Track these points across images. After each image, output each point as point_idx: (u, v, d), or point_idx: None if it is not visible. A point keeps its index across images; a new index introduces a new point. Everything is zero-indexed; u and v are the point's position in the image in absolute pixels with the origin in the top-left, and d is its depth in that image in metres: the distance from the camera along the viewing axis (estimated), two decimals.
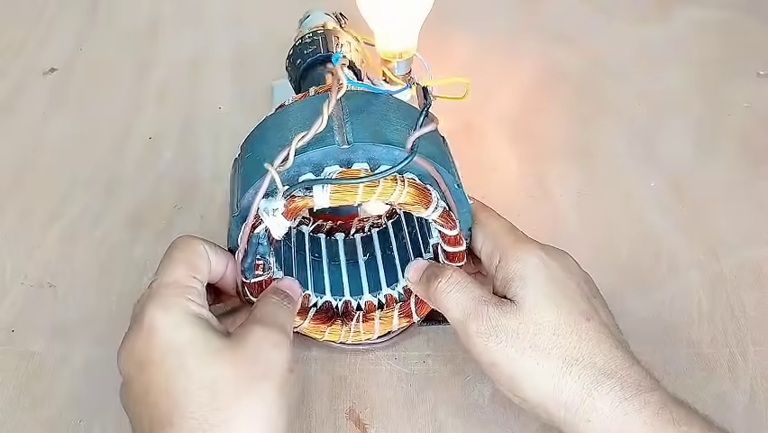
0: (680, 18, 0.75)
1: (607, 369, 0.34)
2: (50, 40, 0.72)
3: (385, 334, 0.44)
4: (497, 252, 0.38)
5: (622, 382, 0.34)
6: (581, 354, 0.35)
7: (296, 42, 0.56)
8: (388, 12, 0.55)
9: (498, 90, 0.66)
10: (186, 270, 0.35)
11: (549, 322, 0.35)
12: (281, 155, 0.33)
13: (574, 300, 0.36)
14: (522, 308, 0.36)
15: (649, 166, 0.58)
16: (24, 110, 0.63)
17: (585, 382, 0.34)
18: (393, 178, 0.35)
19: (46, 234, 0.52)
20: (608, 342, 0.35)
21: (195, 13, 0.76)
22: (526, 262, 0.37)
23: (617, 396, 0.33)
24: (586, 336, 0.35)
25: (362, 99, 0.39)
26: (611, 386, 0.34)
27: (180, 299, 0.34)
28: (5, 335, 0.45)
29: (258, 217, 0.35)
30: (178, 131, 0.61)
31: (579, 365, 0.34)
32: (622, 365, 0.34)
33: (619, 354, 0.35)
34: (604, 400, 0.33)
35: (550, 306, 0.36)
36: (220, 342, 0.33)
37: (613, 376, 0.34)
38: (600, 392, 0.33)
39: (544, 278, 0.37)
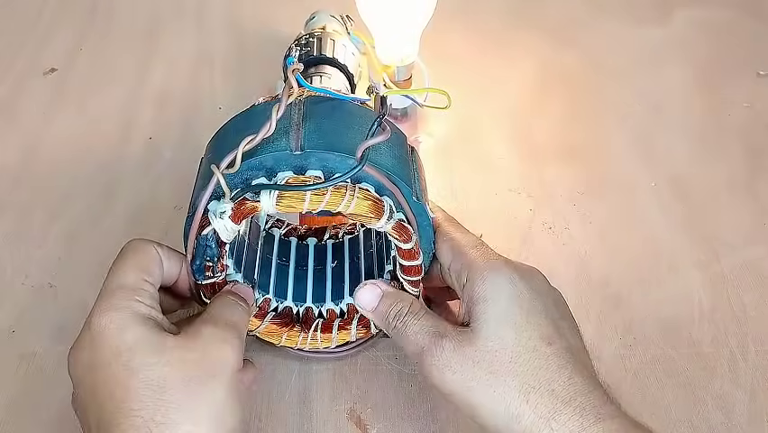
0: (679, 18, 0.75)
1: (565, 396, 0.33)
2: (51, 40, 0.72)
3: (344, 344, 0.43)
4: (464, 271, 0.37)
5: (581, 409, 0.32)
6: (539, 381, 0.33)
7: (294, 42, 0.56)
8: (389, 18, 0.55)
9: (497, 90, 0.66)
10: (136, 272, 0.35)
11: (507, 348, 0.34)
12: (228, 158, 0.33)
13: (537, 324, 0.35)
14: (480, 335, 0.35)
15: (649, 166, 0.58)
16: (24, 110, 0.63)
17: (542, 412, 0.33)
18: (342, 187, 0.34)
19: (46, 234, 0.52)
20: (569, 367, 0.34)
21: (195, 13, 0.76)
22: (492, 283, 0.36)
23: (576, 425, 0.32)
24: (545, 363, 0.34)
25: (326, 106, 0.38)
26: (569, 414, 0.32)
27: (129, 301, 0.34)
28: (6, 335, 0.45)
29: (206, 219, 0.35)
30: (178, 131, 0.61)
31: (536, 393, 0.33)
32: (582, 391, 0.33)
33: (579, 381, 0.34)
34: (562, 430, 0.32)
35: (509, 330, 0.35)
36: (169, 341, 0.33)
37: (571, 404, 0.33)
38: (558, 421, 0.32)
39: (507, 300, 0.35)
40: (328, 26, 0.58)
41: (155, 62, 0.69)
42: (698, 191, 0.55)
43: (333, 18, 0.60)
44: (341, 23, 0.60)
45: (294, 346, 0.42)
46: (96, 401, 0.32)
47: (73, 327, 0.45)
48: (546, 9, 0.78)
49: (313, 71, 0.53)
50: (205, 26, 0.74)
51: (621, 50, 0.71)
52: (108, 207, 0.54)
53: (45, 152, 0.59)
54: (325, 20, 0.59)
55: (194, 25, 0.74)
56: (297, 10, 0.60)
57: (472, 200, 0.55)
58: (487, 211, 0.54)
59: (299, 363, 0.44)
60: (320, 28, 0.57)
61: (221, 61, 0.68)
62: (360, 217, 0.35)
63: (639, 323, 0.46)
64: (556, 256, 0.50)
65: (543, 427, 0.32)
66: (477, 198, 0.55)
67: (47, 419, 0.41)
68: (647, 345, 0.45)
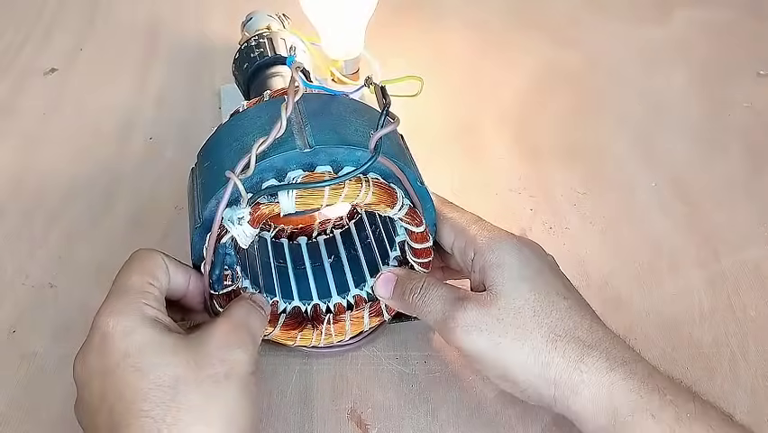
0: (680, 18, 0.75)
1: (590, 342, 0.35)
2: (51, 40, 0.72)
3: (357, 334, 0.44)
4: (470, 246, 0.39)
5: (607, 353, 0.35)
6: (564, 330, 0.35)
7: (241, 46, 0.56)
8: (333, 12, 0.55)
9: (498, 90, 0.66)
10: (141, 276, 0.35)
11: (528, 303, 0.36)
12: (242, 162, 0.33)
13: (550, 282, 0.38)
14: (501, 295, 0.37)
15: (650, 166, 0.58)
16: (25, 110, 0.63)
17: (571, 356, 0.35)
18: (358, 179, 0.35)
19: (47, 234, 0.51)
20: (588, 317, 0.36)
21: (195, 14, 0.76)
22: (502, 250, 0.38)
23: (603, 366, 0.34)
24: (567, 314, 0.36)
25: (319, 102, 0.39)
26: (596, 357, 0.34)
27: (135, 304, 0.34)
28: (7, 335, 0.45)
29: (223, 227, 0.35)
30: (179, 131, 0.61)
31: (563, 341, 0.35)
32: (604, 338, 0.35)
33: (600, 329, 0.36)
34: (591, 372, 0.34)
35: (528, 288, 0.37)
36: (179, 341, 0.33)
37: (597, 348, 0.35)
38: (587, 364, 0.34)
39: (519, 263, 0.38)
40: (272, 26, 0.58)
41: (155, 62, 0.69)
42: (698, 191, 0.55)
43: (270, 18, 0.59)
44: (278, 21, 0.59)
45: (308, 345, 0.43)
46: (106, 404, 0.32)
47: (73, 327, 0.45)
48: (547, 9, 0.78)
49: (270, 72, 0.53)
50: (205, 26, 0.74)
51: (622, 49, 0.71)
52: (108, 208, 0.54)
53: (45, 152, 0.59)
54: (264, 20, 0.59)
55: (194, 25, 0.74)
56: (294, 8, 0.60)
57: (472, 200, 0.54)
58: (487, 211, 0.53)
59: (300, 363, 0.44)
60: (265, 28, 0.57)
61: (221, 61, 0.68)
62: (376, 207, 0.36)
63: (640, 323, 0.46)
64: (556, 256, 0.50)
65: (572, 370, 0.34)
66: (477, 197, 0.55)
67: (47, 418, 0.41)
68: (648, 346, 0.45)
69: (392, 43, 0.71)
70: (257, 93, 0.50)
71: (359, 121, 0.38)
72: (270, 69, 0.53)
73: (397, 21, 0.74)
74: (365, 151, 0.35)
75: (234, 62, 0.56)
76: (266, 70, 0.53)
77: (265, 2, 0.63)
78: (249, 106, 0.40)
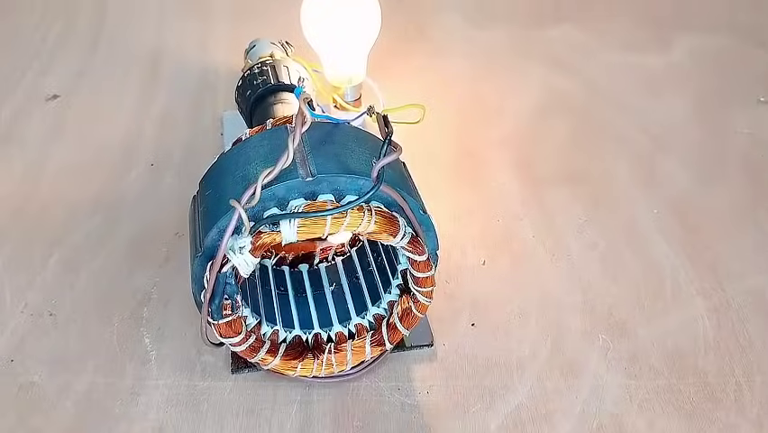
0: (679, 46, 0.76)
1: None
2: (53, 66, 0.73)
3: (358, 364, 0.43)
4: None
5: None
6: None
7: (244, 73, 0.56)
8: (335, 38, 0.55)
9: (500, 117, 0.66)
10: None
11: None
12: (248, 192, 0.33)
13: None
14: None
15: (651, 193, 0.58)
16: (27, 136, 0.63)
17: None
18: (360, 208, 0.35)
19: (46, 262, 0.51)
20: None
21: (198, 40, 0.77)
22: None
23: None
24: None
25: (322, 130, 0.38)
26: None
27: None
28: (5, 364, 0.45)
29: (224, 256, 0.34)
30: (180, 157, 0.61)
31: None
32: None
33: None
34: None
35: None
36: None
37: None
38: None
39: None
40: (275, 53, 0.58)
41: (158, 88, 0.69)
42: (700, 219, 0.55)
43: (273, 45, 0.60)
44: (281, 49, 0.60)
45: (309, 375, 0.42)
46: None
47: (73, 356, 0.45)
48: (548, 37, 0.78)
49: (273, 99, 0.53)
50: (206, 53, 0.74)
51: (622, 77, 0.71)
52: (109, 234, 0.53)
53: (47, 179, 0.59)
54: (267, 47, 0.59)
55: (196, 52, 0.74)
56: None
57: (475, 226, 0.54)
58: (489, 237, 0.53)
59: (301, 393, 0.43)
60: (268, 56, 0.57)
61: (222, 87, 0.69)
62: (378, 235, 0.36)
63: (644, 353, 0.46)
64: (559, 284, 0.50)
65: None
66: (479, 223, 0.55)
67: None
68: (653, 376, 0.44)
69: (394, 70, 0.71)
70: (260, 120, 0.51)
71: (361, 149, 0.38)
72: (273, 96, 0.53)
73: (400, 48, 0.75)
74: (367, 179, 0.35)
75: (237, 89, 0.56)
76: (269, 98, 0.53)
77: (268, 29, 0.63)
78: (251, 135, 0.40)
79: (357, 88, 0.59)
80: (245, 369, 0.44)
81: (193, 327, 0.46)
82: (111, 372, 0.44)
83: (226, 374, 0.44)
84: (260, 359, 0.40)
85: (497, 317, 0.48)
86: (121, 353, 0.45)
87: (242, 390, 0.43)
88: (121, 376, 0.44)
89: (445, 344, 0.46)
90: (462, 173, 0.60)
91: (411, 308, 0.41)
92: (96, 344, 0.46)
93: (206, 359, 0.44)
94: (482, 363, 0.45)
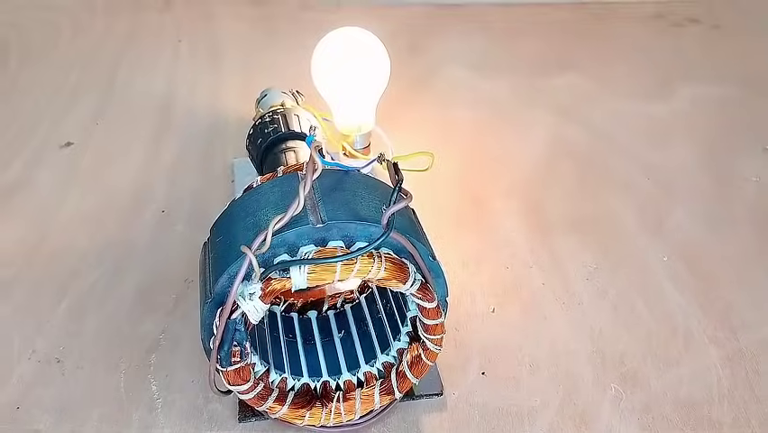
0: (683, 94, 0.77)
1: None
2: (69, 114, 0.74)
3: (367, 413, 0.42)
4: None
5: None
6: None
7: (256, 121, 0.57)
8: (346, 89, 0.56)
9: (507, 165, 0.67)
10: None
11: None
12: (259, 238, 0.33)
13: None
14: None
15: (660, 240, 0.58)
16: (40, 183, 0.64)
17: None
18: (370, 254, 0.35)
19: (55, 309, 0.51)
20: None
21: (209, 89, 0.79)
22: None
23: None
24: None
25: (332, 177, 0.39)
26: None
27: None
28: (10, 412, 0.44)
29: (234, 303, 0.34)
30: (191, 204, 0.61)
31: None
32: None
33: None
34: None
35: None
36: None
37: None
38: None
39: None
40: (285, 102, 0.59)
41: (169, 136, 0.70)
42: (710, 266, 0.55)
43: (284, 94, 0.61)
44: (292, 98, 0.61)
45: (317, 424, 0.41)
46: None
47: (79, 404, 0.44)
48: (553, 85, 0.79)
49: (284, 147, 0.54)
50: (218, 101, 0.76)
51: (627, 125, 0.72)
52: (118, 281, 0.53)
53: (58, 225, 0.59)
54: (278, 96, 0.61)
55: (207, 100, 0.76)
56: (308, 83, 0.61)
57: (484, 273, 0.54)
58: (498, 284, 0.53)
59: None
60: (279, 105, 0.58)
61: (233, 135, 0.70)
62: (388, 282, 0.36)
63: (657, 402, 0.45)
64: (570, 332, 0.50)
65: None
66: (488, 270, 0.54)
67: None
68: (666, 426, 0.43)
69: (402, 119, 0.72)
70: (270, 167, 0.51)
71: (371, 196, 0.38)
72: (284, 144, 0.54)
73: (408, 97, 0.76)
74: (377, 226, 0.35)
75: (248, 137, 0.57)
76: (279, 145, 0.54)
77: (279, 79, 0.64)
78: (262, 182, 0.40)
79: (366, 137, 0.60)
80: (252, 417, 0.43)
81: (201, 375, 0.46)
82: (117, 420, 0.43)
83: (233, 423, 0.43)
84: (268, 407, 0.39)
85: (507, 365, 0.47)
86: (127, 400, 0.45)
87: None
88: (127, 425, 0.43)
89: (455, 393, 0.45)
90: (470, 221, 0.60)
91: (421, 355, 0.41)
92: (102, 391, 0.45)
93: (214, 407, 0.44)
94: (493, 412, 0.44)
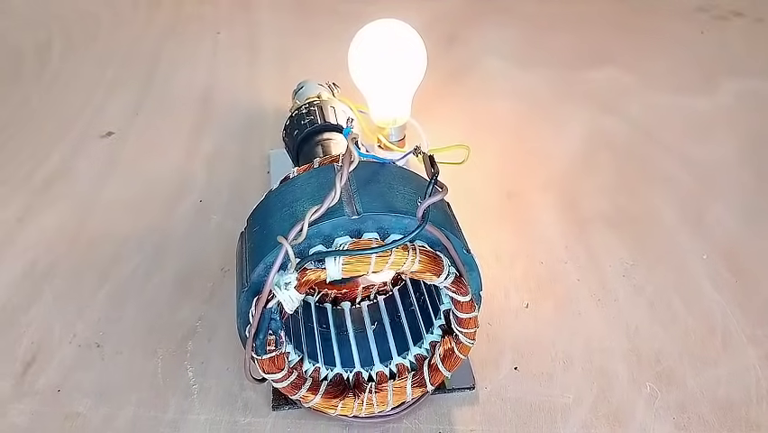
0: (726, 89, 0.75)
1: None
2: (109, 105, 0.76)
3: (399, 405, 0.42)
4: None
5: None
6: None
7: (292, 113, 0.58)
8: (381, 80, 0.56)
9: (544, 158, 0.66)
10: None
11: None
12: (295, 229, 0.34)
13: None
14: None
15: (699, 237, 0.57)
16: (81, 172, 0.66)
17: None
18: (404, 247, 0.35)
19: (95, 295, 0.52)
20: None
21: (247, 81, 0.79)
22: None
23: None
24: None
25: (368, 169, 0.39)
26: None
27: None
28: (52, 394, 0.46)
29: (270, 292, 0.35)
30: (228, 195, 0.62)
31: None
32: None
33: None
34: None
35: None
36: None
37: None
38: None
39: None
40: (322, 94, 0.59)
41: (208, 127, 0.71)
42: (751, 265, 0.54)
43: (320, 86, 0.61)
44: (328, 90, 0.61)
45: (349, 414, 0.42)
46: None
47: (117, 388, 0.45)
48: (593, 78, 0.78)
49: (320, 139, 0.54)
50: (256, 93, 0.76)
51: (668, 119, 0.71)
52: (157, 269, 0.54)
53: (99, 214, 0.60)
54: (315, 88, 0.61)
55: (246, 92, 0.77)
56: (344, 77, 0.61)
57: (518, 268, 0.54)
58: (532, 279, 0.53)
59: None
60: (315, 97, 0.59)
61: (271, 127, 0.70)
62: (422, 275, 0.36)
63: (693, 402, 0.44)
64: (605, 329, 0.49)
65: None
66: (522, 265, 0.54)
67: None
68: (702, 427, 0.43)
69: (439, 111, 0.72)
70: (306, 159, 0.52)
71: (406, 189, 0.38)
72: (320, 135, 0.54)
73: (444, 89, 0.76)
74: (413, 219, 0.36)
75: (285, 129, 0.57)
76: (315, 137, 0.54)
77: (315, 71, 0.65)
78: (299, 173, 0.41)
79: (401, 129, 0.60)
80: (286, 406, 0.44)
81: (236, 363, 0.46)
82: (154, 405, 0.44)
83: (267, 411, 0.44)
84: (301, 396, 0.40)
85: (540, 361, 0.47)
86: (164, 386, 0.45)
87: (282, 427, 0.43)
88: (164, 410, 0.44)
89: (487, 387, 0.45)
90: (506, 215, 0.60)
91: (453, 349, 0.41)
92: (140, 376, 0.46)
93: (248, 395, 0.45)
94: (525, 408, 0.44)
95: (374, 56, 0.56)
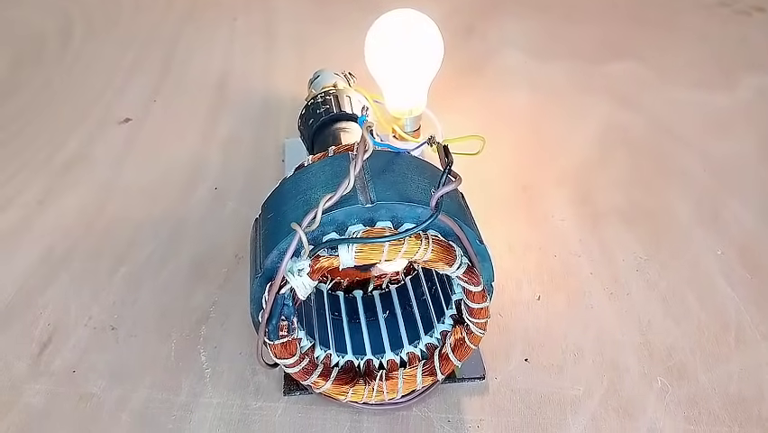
0: (746, 85, 0.74)
1: None
2: (127, 91, 0.76)
3: (409, 393, 0.43)
4: None
5: None
6: None
7: (308, 102, 0.58)
8: (398, 71, 0.56)
9: (559, 151, 0.66)
10: None
11: None
12: (309, 216, 0.34)
13: None
14: None
15: (715, 233, 0.56)
16: (99, 157, 0.66)
17: None
18: (417, 236, 0.35)
19: (112, 277, 0.53)
20: None
21: (264, 69, 0.80)
22: None
23: None
24: None
25: (382, 158, 0.39)
26: None
27: None
28: (67, 375, 0.46)
29: (283, 278, 0.35)
30: (243, 182, 0.62)
31: None
32: None
33: None
34: None
35: None
36: None
37: None
38: None
39: None
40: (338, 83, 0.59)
41: (224, 114, 0.72)
42: (766, 261, 0.53)
43: (336, 75, 0.61)
44: (344, 79, 0.61)
45: (360, 401, 0.42)
46: None
47: (131, 370, 0.46)
48: (611, 72, 0.78)
49: (335, 128, 0.54)
50: (273, 80, 0.77)
51: (686, 114, 0.70)
52: (172, 254, 0.55)
53: (116, 199, 0.61)
54: (331, 77, 0.61)
55: (263, 79, 0.77)
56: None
57: (530, 260, 0.54)
58: (545, 272, 0.53)
59: (350, 419, 0.43)
60: (331, 86, 0.59)
61: (287, 115, 0.70)
62: (435, 264, 0.36)
63: (705, 398, 0.44)
64: (617, 323, 0.49)
65: None
66: (535, 258, 0.54)
67: None
68: (713, 423, 0.42)
69: (454, 102, 0.72)
70: (321, 147, 0.52)
71: (420, 178, 0.38)
72: (335, 124, 0.54)
73: (461, 80, 0.76)
74: (426, 208, 0.36)
75: (300, 117, 0.57)
76: (331, 126, 0.54)
77: (332, 60, 0.65)
78: (313, 161, 0.41)
79: (417, 119, 0.60)
80: (297, 391, 0.44)
81: (248, 348, 0.47)
82: (167, 387, 0.45)
83: (278, 396, 0.44)
84: (312, 382, 0.40)
85: (551, 353, 0.47)
86: (177, 369, 0.46)
87: (293, 412, 0.43)
88: (176, 392, 0.45)
89: (497, 377, 0.45)
90: (520, 207, 0.59)
91: (464, 338, 0.41)
92: (154, 359, 0.47)
93: (260, 379, 0.45)
94: (535, 399, 0.44)
95: (391, 45, 0.56)
